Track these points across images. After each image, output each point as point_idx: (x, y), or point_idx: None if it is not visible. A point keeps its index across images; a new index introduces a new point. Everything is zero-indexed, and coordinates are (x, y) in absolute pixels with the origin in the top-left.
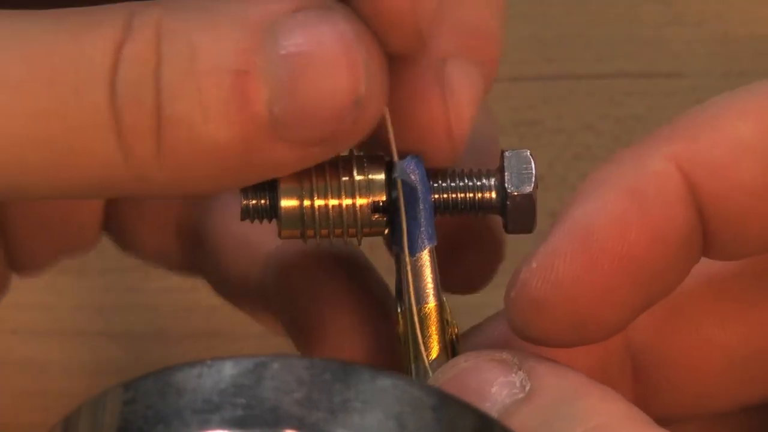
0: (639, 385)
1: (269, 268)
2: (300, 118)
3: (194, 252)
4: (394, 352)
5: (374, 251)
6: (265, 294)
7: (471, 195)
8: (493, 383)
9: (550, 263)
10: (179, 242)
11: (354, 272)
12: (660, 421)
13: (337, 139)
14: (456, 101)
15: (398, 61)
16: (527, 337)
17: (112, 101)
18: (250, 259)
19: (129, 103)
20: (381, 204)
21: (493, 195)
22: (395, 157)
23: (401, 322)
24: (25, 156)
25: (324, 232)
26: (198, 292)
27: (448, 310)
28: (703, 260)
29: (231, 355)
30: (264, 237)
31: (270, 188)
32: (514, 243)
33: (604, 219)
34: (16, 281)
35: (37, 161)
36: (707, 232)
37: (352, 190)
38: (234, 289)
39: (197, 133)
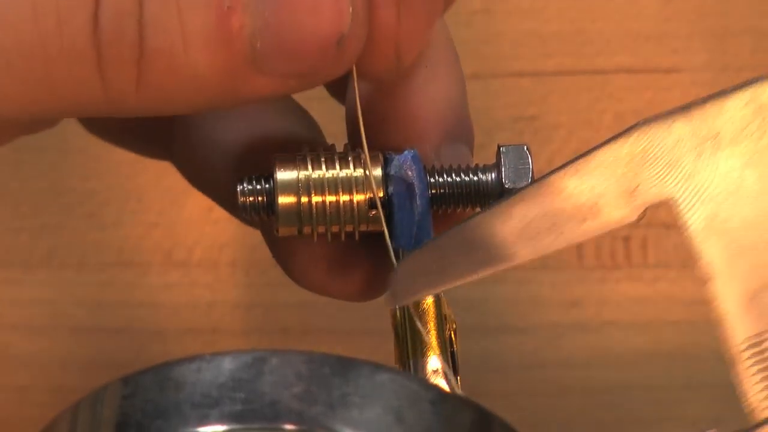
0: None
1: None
2: (281, 54)
3: (166, 146)
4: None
5: None
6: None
7: (468, 190)
8: None
9: None
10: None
11: None
12: None
13: (316, 74)
14: (410, 11)
15: None
16: None
17: (94, 33)
18: (221, 163)
19: (111, 34)
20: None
21: (490, 190)
22: (366, 153)
23: (399, 317)
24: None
25: (321, 228)
26: (198, 287)
27: (447, 306)
28: None
29: (230, 350)
30: (233, 135)
31: (267, 185)
32: None
33: None
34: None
35: (12, 91)
36: None
37: (350, 186)
38: (207, 184)
39: (178, 64)
